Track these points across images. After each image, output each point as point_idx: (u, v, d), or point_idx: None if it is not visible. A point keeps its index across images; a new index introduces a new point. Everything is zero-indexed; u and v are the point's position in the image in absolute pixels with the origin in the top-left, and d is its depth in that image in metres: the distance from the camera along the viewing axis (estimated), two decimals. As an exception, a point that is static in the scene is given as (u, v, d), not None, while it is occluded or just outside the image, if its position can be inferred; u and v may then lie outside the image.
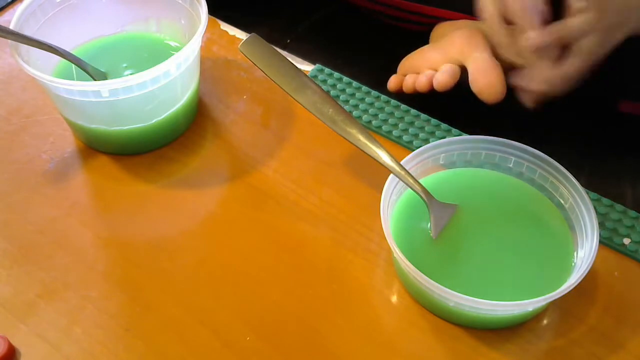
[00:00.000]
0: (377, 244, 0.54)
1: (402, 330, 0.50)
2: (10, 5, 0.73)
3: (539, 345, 0.49)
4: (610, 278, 0.52)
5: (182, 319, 0.51)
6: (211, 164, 0.61)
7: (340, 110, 0.54)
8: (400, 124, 0.62)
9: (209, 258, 0.54)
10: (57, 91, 0.55)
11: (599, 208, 0.56)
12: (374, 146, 0.52)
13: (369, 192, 0.57)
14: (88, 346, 0.49)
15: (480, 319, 0.49)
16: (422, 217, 0.53)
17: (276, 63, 0.56)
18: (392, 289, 0.53)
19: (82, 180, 0.60)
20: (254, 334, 0.50)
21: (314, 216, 0.56)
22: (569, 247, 0.51)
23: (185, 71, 0.58)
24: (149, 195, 0.58)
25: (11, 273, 0.53)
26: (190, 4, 0.61)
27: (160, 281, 0.53)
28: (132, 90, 0.55)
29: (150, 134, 0.60)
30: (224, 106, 0.65)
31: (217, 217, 0.57)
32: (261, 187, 0.59)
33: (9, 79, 0.67)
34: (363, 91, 0.65)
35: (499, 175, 0.55)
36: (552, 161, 0.53)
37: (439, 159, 0.55)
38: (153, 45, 0.66)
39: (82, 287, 0.52)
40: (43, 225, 0.56)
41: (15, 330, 0.50)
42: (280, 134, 0.63)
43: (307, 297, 0.52)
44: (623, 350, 0.49)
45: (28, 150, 0.61)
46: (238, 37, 0.71)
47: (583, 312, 0.51)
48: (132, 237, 0.56)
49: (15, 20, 0.58)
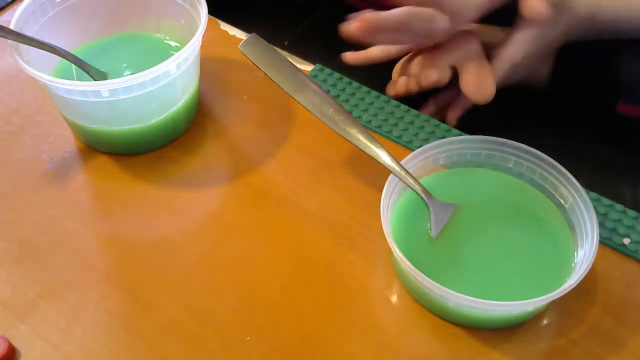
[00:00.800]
0: (377, 244, 0.54)
1: (402, 330, 0.50)
2: (10, 5, 0.73)
3: (539, 345, 0.49)
4: (610, 278, 0.52)
5: (182, 319, 0.51)
6: (211, 164, 0.61)
7: (340, 110, 0.54)
8: (400, 123, 0.62)
9: (209, 258, 0.54)
10: (57, 91, 0.55)
11: (599, 208, 0.56)
12: (374, 146, 0.52)
13: (369, 192, 0.57)
14: (88, 346, 0.49)
15: (480, 319, 0.49)
16: (422, 217, 0.53)
17: (276, 63, 0.56)
18: (392, 289, 0.53)
19: (82, 180, 0.60)
20: (254, 334, 0.50)
21: (314, 216, 0.56)
22: (569, 247, 0.51)
23: (185, 71, 0.58)
24: (149, 195, 0.58)
25: (11, 273, 0.53)
26: (190, 4, 0.61)
27: (160, 281, 0.53)
28: (132, 90, 0.55)
29: (150, 134, 0.60)
30: (224, 106, 0.65)
31: (217, 217, 0.57)
32: (261, 187, 0.59)
33: (9, 79, 0.67)
34: (363, 91, 0.65)
35: (499, 175, 0.55)
36: (552, 161, 0.53)
37: (439, 159, 0.55)
38: (153, 45, 0.66)
39: (82, 287, 0.52)
40: (43, 225, 0.56)
41: (15, 330, 0.50)
42: (280, 134, 0.63)
43: (307, 297, 0.52)
44: (623, 350, 0.49)
45: (28, 150, 0.61)
46: (238, 37, 0.71)
47: (583, 312, 0.51)
48: (132, 237, 0.56)
49: (15, 20, 0.58)
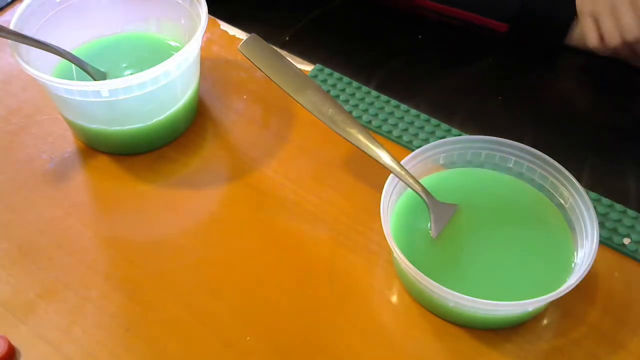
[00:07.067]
0: (377, 244, 0.54)
1: (402, 330, 0.50)
2: (10, 5, 0.73)
3: (539, 345, 0.49)
4: (610, 278, 0.52)
5: (182, 319, 0.51)
6: (211, 164, 0.61)
7: (340, 110, 0.54)
8: (400, 123, 0.62)
9: (209, 258, 0.54)
10: (57, 91, 0.55)
11: (599, 208, 0.56)
12: (374, 146, 0.52)
13: (369, 192, 0.57)
14: (88, 346, 0.49)
15: (480, 319, 0.49)
16: (422, 217, 0.53)
17: (276, 63, 0.56)
18: (392, 289, 0.53)
19: (82, 180, 0.60)
20: (254, 334, 0.50)
21: (314, 216, 0.56)
22: (569, 247, 0.51)
23: (185, 71, 0.58)
24: (149, 195, 0.58)
25: (11, 273, 0.53)
26: (190, 4, 0.61)
27: (160, 281, 0.53)
28: (132, 90, 0.55)
29: (150, 134, 0.60)
30: (224, 106, 0.65)
31: (217, 217, 0.57)
32: (261, 187, 0.59)
33: (9, 79, 0.68)
34: (363, 91, 0.65)
35: (499, 175, 0.55)
36: (552, 161, 0.53)
37: (439, 159, 0.55)
38: (153, 45, 0.66)
39: (82, 287, 0.52)
40: (43, 225, 0.56)
41: (15, 330, 0.50)
42: (280, 134, 0.63)
43: (307, 297, 0.52)
44: (623, 350, 0.49)
45: (28, 150, 0.61)
46: (238, 37, 0.71)
47: (583, 312, 0.51)
48: (132, 237, 0.56)
49: (15, 20, 0.58)
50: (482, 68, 0.73)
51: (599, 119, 0.68)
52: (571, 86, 0.73)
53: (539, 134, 0.64)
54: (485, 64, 0.73)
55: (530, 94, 0.70)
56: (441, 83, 0.71)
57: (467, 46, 0.75)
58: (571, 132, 0.66)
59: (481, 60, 0.73)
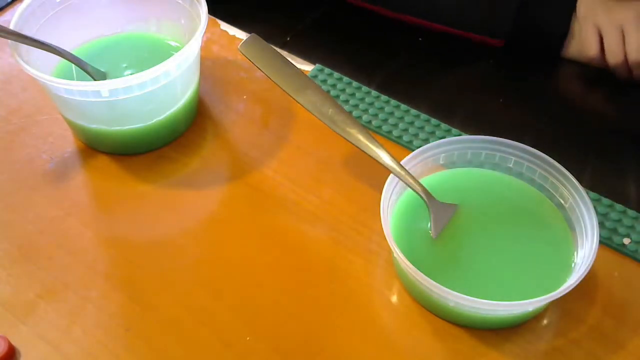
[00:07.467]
0: (377, 244, 0.54)
1: (402, 330, 0.50)
2: (10, 5, 0.73)
3: (539, 345, 0.49)
4: (610, 278, 0.52)
5: (182, 319, 0.51)
6: (211, 164, 0.61)
7: (340, 110, 0.54)
8: (400, 123, 0.62)
9: (209, 258, 0.54)
10: (57, 91, 0.55)
11: (599, 208, 0.56)
12: (374, 146, 0.52)
13: (369, 192, 0.57)
14: (88, 346, 0.49)
15: (480, 319, 0.49)
16: (422, 217, 0.53)
17: (276, 63, 0.56)
18: (392, 289, 0.53)
19: (82, 180, 0.60)
20: (254, 334, 0.50)
21: (314, 216, 0.56)
22: (569, 247, 0.51)
23: (185, 71, 0.58)
24: (149, 195, 0.58)
25: (11, 273, 0.53)
26: (190, 4, 0.61)
27: (160, 281, 0.53)
28: (132, 90, 0.55)
29: (150, 134, 0.60)
30: (224, 106, 0.65)
31: (217, 217, 0.57)
32: (261, 187, 0.59)
33: (9, 79, 0.68)
34: (363, 91, 0.65)
35: (499, 175, 0.55)
36: (552, 161, 0.53)
37: (439, 159, 0.55)
38: (153, 45, 0.66)
39: (82, 287, 0.52)
40: (43, 225, 0.56)
41: (15, 330, 0.50)
42: (280, 134, 0.63)
43: (307, 297, 0.52)
44: (623, 350, 0.49)
45: (28, 150, 0.61)
46: (238, 37, 0.71)
47: (583, 312, 0.51)
48: (132, 237, 0.56)
49: (15, 20, 0.58)
50: (482, 68, 0.73)
51: (599, 119, 0.68)
52: (571, 86, 0.73)
53: (539, 134, 0.64)
54: (486, 64, 0.73)
55: (530, 93, 0.70)
56: (441, 83, 0.71)
57: (467, 47, 0.75)
58: (571, 132, 0.66)
59: (481, 60, 0.73)
